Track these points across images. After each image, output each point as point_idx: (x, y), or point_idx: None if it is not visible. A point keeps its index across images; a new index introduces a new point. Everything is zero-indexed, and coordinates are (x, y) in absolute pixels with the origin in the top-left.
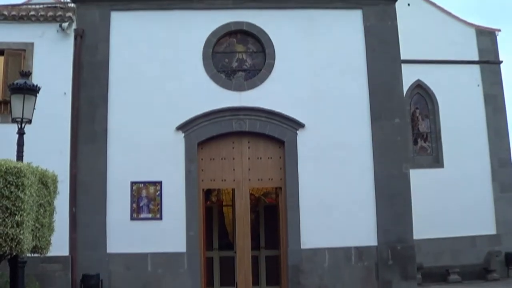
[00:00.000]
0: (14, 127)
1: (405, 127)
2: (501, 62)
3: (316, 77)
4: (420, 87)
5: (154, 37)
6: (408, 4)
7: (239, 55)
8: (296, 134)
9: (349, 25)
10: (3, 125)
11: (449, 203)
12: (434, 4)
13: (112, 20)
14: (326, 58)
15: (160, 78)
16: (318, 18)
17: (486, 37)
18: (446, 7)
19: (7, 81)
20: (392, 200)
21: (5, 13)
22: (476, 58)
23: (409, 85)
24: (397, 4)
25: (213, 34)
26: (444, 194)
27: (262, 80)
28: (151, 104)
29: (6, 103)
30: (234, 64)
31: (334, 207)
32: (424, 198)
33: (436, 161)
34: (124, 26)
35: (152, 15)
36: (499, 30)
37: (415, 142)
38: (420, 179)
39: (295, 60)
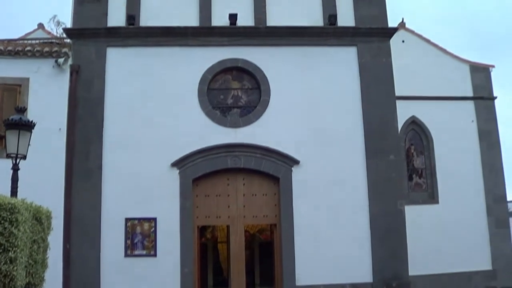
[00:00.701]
0: (9, 162)
1: (400, 163)
2: (495, 98)
3: (311, 113)
4: (415, 124)
5: (150, 73)
6: (403, 41)
7: (234, 92)
8: (291, 170)
9: (344, 62)
10: None
11: (445, 239)
12: (428, 41)
13: (108, 56)
14: (321, 94)
15: (156, 114)
16: (313, 55)
17: (480, 73)
18: (440, 43)
19: (3, 116)
20: (388, 237)
21: (1, 48)
22: (471, 94)
23: (404, 121)
24: (391, 41)
25: (208, 71)
26: (439, 230)
27: (257, 117)
28: (146, 140)
29: (1, 138)
30: (230, 101)
31: (329, 244)
32: (420, 234)
33: (431, 197)
34: (120, 62)
35: (148, 52)
36: (493, 66)
37: (410, 178)
38: (416, 216)
39: (290, 97)
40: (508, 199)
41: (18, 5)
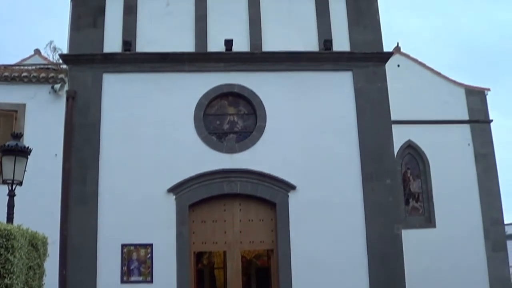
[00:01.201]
0: (5, 189)
1: (397, 187)
2: (491, 121)
3: (307, 138)
4: (411, 148)
5: (146, 99)
6: (398, 65)
7: (230, 117)
8: (288, 196)
9: (340, 87)
10: None
11: (442, 263)
12: (423, 65)
13: (104, 82)
14: (317, 119)
15: (152, 140)
16: (309, 80)
17: (476, 97)
18: (436, 67)
19: None
20: (385, 261)
21: None
22: (466, 118)
23: (400, 145)
24: (387, 65)
25: (204, 96)
26: (437, 254)
27: (253, 142)
28: (143, 165)
29: None
30: (226, 126)
31: (326, 269)
32: (417, 258)
33: (428, 221)
34: (116, 88)
35: (144, 77)
36: (489, 89)
37: (407, 202)
38: (413, 240)
39: (286, 122)
40: (505, 222)
41: (15, 31)
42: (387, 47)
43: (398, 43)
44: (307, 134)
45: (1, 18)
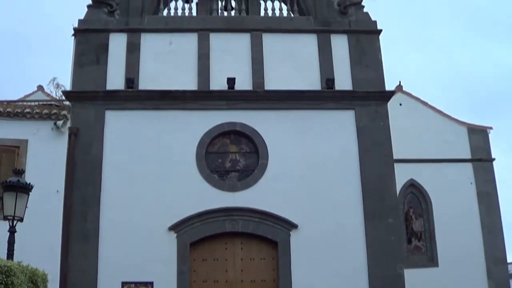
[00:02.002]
0: (6, 225)
1: (399, 226)
2: (494, 159)
3: (309, 177)
4: (413, 186)
5: (148, 136)
6: (400, 104)
7: (232, 156)
8: (289, 234)
9: (342, 126)
10: None
11: None
12: (425, 104)
13: (107, 119)
14: (319, 158)
15: (153, 177)
16: (311, 118)
17: (478, 135)
18: (438, 105)
19: (0, 178)
20: None
21: (0, 109)
22: (469, 156)
23: (402, 184)
24: (389, 104)
25: (206, 134)
26: None
27: (255, 181)
28: (144, 203)
29: None
30: (228, 165)
31: None
32: None
33: (431, 260)
34: (118, 125)
35: (147, 115)
36: (491, 128)
37: (409, 241)
38: (415, 279)
39: (288, 160)
40: (508, 261)
41: (18, 67)
42: (389, 85)
43: (400, 82)
44: (309, 173)
45: (5, 53)
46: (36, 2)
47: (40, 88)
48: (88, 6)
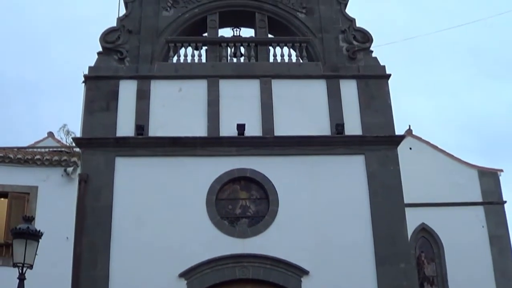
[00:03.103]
0: (15, 271)
1: (411, 271)
2: (505, 202)
3: (320, 223)
4: (424, 231)
5: (158, 183)
6: (410, 148)
7: (242, 202)
8: (301, 281)
9: (352, 171)
10: (4, 268)
11: None
12: (435, 147)
13: (117, 166)
14: (329, 203)
15: (163, 224)
16: (321, 164)
17: (489, 178)
18: (448, 149)
19: (10, 224)
20: None
21: (11, 156)
22: (480, 199)
23: (414, 228)
24: (399, 148)
25: (216, 181)
26: None
27: (265, 227)
28: (154, 250)
29: (8, 246)
30: (238, 211)
31: None
32: None
33: None
34: (128, 171)
35: (157, 162)
36: (502, 171)
37: (422, 286)
38: None
39: (299, 206)
40: None
41: (29, 114)
42: (399, 129)
43: (409, 126)
44: (320, 218)
45: (15, 100)
46: (46, 49)
47: (51, 134)
48: (98, 53)
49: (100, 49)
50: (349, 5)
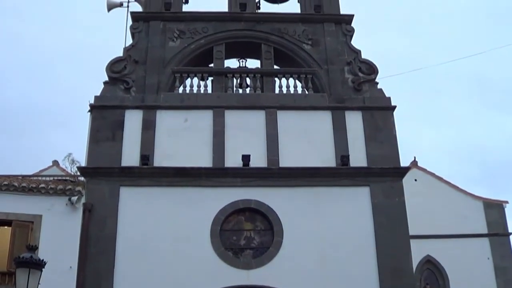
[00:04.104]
0: None
1: None
2: (511, 234)
3: (325, 254)
4: (430, 263)
5: (163, 213)
6: (415, 180)
7: (247, 233)
8: None
9: (357, 202)
10: None
11: None
12: (440, 179)
13: (121, 196)
14: (334, 235)
15: (167, 254)
16: (326, 195)
17: (494, 210)
18: (453, 180)
19: (14, 253)
20: None
21: (16, 184)
22: (485, 231)
23: (419, 260)
24: (404, 179)
25: (221, 212)
26: None
27: (270, 258)
28: (158, 280)
29: (11, 274)
30: (242, 242)
31: None
32: None
33: None
34: (132, 201)
35: (161, 192)
36: (507, 202)
37: None
38: None
39: (304, 237)
40: None
41: (34, 142)
42: (404, 161)
43: (415, 157)
44: (324, 250)
45: (21, 128)
46: (52, 77)
47: (55, 163)
48: (105, 83)
49: (106, 78)
50: (354, 36)
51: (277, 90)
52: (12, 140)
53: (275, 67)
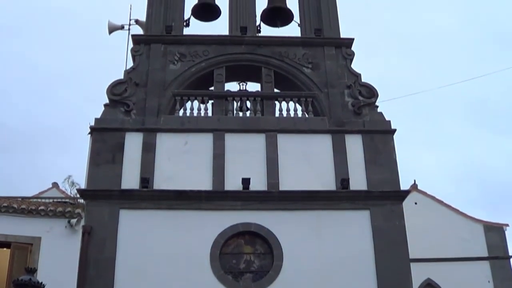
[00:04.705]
0: None
1: None
2: (511, 257)
3: (325, 278)
4: (430, 286)
5: (162, 236)
6: (415, 203)
7: (247, 257)
8: None
9: (357, 226)
10: None
11: None
12: (441, 202)
13: (121, 218)
14: (334, 258)
15: (166, 277)
16: (326, 219)
17: (495, 233)
18: (453, 203)
19: (12, 275)
20: None
21: (15, 206)
22: (486, 254)
23: (419, 284)
24: (404, 203)
25: (221, 235)
26: None
27: (270, 282)
28: None
29: None
30: (242, 266)
31: None
32: None
33: None
34: (132, 224)
35: (161, 215)
36: (507, 225)
37: None
38: None
39: (304, 261)
40: None
41: (33, 164)
42: (404, 184)
43: (415, 181)
44: (324, 274)
45: (20, 150)
46: (52, 99)
47: (55, 185)
48: (105, 105)
49: (107, 101)
50: (354, 60)
51: (277, 114)
52: (11, 162)
53: (275, 90)
